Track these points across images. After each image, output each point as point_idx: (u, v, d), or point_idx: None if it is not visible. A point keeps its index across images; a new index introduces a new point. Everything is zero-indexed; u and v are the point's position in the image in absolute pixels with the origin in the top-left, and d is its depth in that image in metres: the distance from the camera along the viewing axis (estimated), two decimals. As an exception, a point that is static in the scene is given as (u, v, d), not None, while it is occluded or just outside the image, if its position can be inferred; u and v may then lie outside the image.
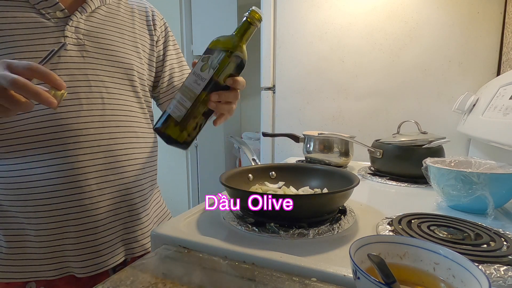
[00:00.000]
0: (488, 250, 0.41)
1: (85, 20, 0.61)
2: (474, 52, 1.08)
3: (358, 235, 0.49)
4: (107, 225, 0.61)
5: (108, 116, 0.61)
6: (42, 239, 0.58)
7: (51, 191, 0.56)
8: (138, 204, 0.67)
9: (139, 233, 0.67)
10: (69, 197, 0.57)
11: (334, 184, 0.62)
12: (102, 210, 0.60)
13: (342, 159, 0.97)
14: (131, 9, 0.70)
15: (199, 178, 2.60)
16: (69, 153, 0.56)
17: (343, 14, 1.22)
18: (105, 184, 0.60)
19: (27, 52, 0.54)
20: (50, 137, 0.55)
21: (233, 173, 0.62)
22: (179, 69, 0.79)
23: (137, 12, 0.71)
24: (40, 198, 0.56)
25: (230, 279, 0.38)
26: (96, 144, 0.59)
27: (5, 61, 0.42)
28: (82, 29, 0.60)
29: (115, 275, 0.38)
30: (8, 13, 0.55)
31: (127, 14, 0.69)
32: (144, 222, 0.68)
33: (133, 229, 0.66)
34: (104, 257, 0.61)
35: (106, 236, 0.61)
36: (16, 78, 0.39)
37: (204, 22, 2.42)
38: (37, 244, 0.58)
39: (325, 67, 1.27)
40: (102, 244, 0.61)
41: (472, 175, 0.55)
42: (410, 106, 1.18)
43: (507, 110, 0.68)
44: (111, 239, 0.62)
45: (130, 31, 0.68)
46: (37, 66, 0.42)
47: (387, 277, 0.27)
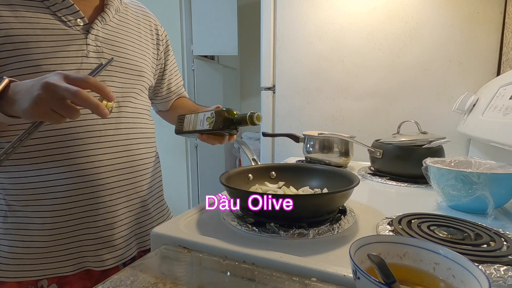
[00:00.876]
0: (488, 250, 0.41)
1: (102, 28, 0.64)
2: (474, 52, 1.08)
3: (358, 235, 0.49)
4: (123, 220, 0.65)
5: (124, 118, 0.65)
6: (58, 237, 0.60)
7: (69, 190, 0.59)
8: (149, 200, 0.71)
9: (150, 227, 0.71)
10: (88, 195, 0.60)
11: (334, 184, 0.62)
12: (119, 207, 0.64)
13: (342, 159, 0.97)
14: (136, 16, 0.74)
15: (199, 178, 2.60)
16: (89, 153, 0.59)
17: (343, 14, 1.22)
18: (122, 182, 0.64)
19: (53, 58, 0.56)
20: (70, 138, 0.58)
21: (233, 173, 0.62)
22: (175, 77, 0.87)
23: (141, 19, 0.75)
24: (58, 197, 0.58)
25: (230, 279, 0.38)
26: (114, 144, 0.63)
27: (61, 72, 0.44)
28: (100, 37, 0.63)
29: (115, 275, 0.38)
30: (31, 19, 0.56)
31: (134, 20, 0.73)
32: (153, 217, 0.73)
33: (145, 223, 0.70)
34: (120, 250, 0.64)
35: (122, 231, 0.65)
36: (79, 90, 0.42)
37: (204, 22, 2.42)
38: (52, 242, 0.59)
39: (325, 67, 1.27)
40: (119, 238, 0.64)
41: (472, 175, 0.55)
42: (410, 106, 1.18)
43: (507, 110, 0.68)
44: (127, 234, 0.66)
45: (137, 39, 0.72)
46: (94, 80, 0.45)
47: (387, 277, 0.27)
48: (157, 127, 0.78)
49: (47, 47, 0.56)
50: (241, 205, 0.55)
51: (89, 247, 0.62)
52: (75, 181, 0.58)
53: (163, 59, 0.81)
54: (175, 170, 2.48)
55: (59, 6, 0.58)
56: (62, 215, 0.59)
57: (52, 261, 0.60)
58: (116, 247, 0.64)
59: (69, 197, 0.59)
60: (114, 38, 0.66)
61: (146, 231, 0.70)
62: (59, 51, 0.57)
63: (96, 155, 0.60)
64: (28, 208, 0.59)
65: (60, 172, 0.58)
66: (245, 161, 2.83)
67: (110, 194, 0.62)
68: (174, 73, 0.86)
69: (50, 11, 0.58)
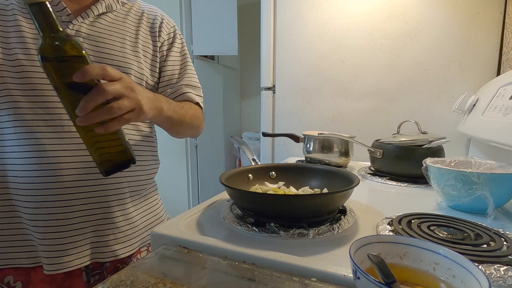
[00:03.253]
0: (488, 250, 0.41)
1: (88, 25, 0.64)
2: (474, 52, 1.08)
3: (358, 235, 0.49)
4: (77, 224, 0.61)
5: None
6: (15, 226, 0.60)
7: (28, 183, 0.58)
8: (114, 208, 0.65)
9: (111, 237, 0.65)
10: (45, 191, 0.58)
11: (334, 184, 0.62)
12: (74, 209, 0.60)
13: (342, 159, 0.97)
14: (139, 16, 0.74)
15: (199, 178, 2.60)
16: (51, 147, 0.58)
17: (343, 14, 1.22)
18: (81, 183, 0.60)
19: (35, 54, 0.57)
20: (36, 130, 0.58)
21: (233, 173, 0.62)
22: (179, 70, 0.79)
23: (145, 18, 0.74)
24: (18, 188, 0.59)
25: (230, 279, 0.38)
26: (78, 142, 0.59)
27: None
28: (83, 33, 0.62)
29: (115, 275, 0.38)
30: (17, 16, 0.58)
31: (134, 21, 0.72)
32: (119, 227, 0.66)
33: (105, 233, 0.64)
34: (69, 256, 0.61)
35: (73, 236, 0.61)
36: None
37: (204, 22, 2.42)
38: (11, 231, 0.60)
39: (325, 67, 1.27)
40: (69, 243, 0.60)
41: (472, 175, 0.55)
42: (410, 106, 1.18)
43: (507, 110, 0.68)
44: (79, 240, 0.62)
45: (133, 37, 0.70)
46: None
47: (387, 277, 0.27)
48: (156, 127, 0.77)
49: (28, 42, 0.57)
50: (241, 205, 0.55)
51: (40, 245, 0.60)
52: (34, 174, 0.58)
53: (164, 54, 0.76)
54: (175, 170, 2.48)
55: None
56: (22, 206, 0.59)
57: (12, 250, 0.60)
58: (65, 252, 0.60)
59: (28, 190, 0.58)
60: (101, 36, 0.64)
61: (106, 241, 0.65)
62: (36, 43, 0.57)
63: (57, 151, 0.58)
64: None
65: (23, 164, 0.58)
66: (245, 161, 2.83)
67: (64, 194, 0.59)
68: (177, 68, 0.78)
69: None
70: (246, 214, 0.54)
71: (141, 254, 0.72)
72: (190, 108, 0.75)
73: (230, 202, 0.61)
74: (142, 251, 0.72)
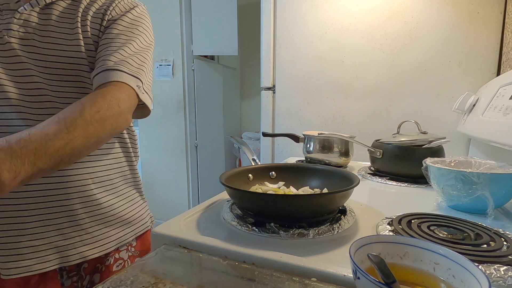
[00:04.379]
0: (488, 250, 0.41)
1: (39, 14, 0.57)
2: (474, 52, 1.08)
3: (358, 235, 0.49)
4: (37, 228, 0.57)
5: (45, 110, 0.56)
6: None
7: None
8: (79, 210, 0.61)
9: (78, 239, 0.61)
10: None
11: (334, 184, 0.62)
12: (32, 213, 0.56)
13: (342, 159, 0.97)
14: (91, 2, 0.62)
15: (199, 178, 2.60)
16: None
17: (343, 14, 1.22)
18: (39, 186, 0.56)
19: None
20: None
21: (233, 173, 0.62)
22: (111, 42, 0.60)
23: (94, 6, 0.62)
24: None
25: (230, 279, 0.38)
26: None
27: None
28: (32, 22, 0.56)
29: (115, 275, 0.38)
30: None
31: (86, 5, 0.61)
32: (86, 229, 0.62)
33: (70, 235, 0.60)
34: (28, 261, 0.57)
35: (33, 240, 0.57)
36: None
37: (204, 22, 2.42)
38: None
39: (325, 67, 1.27)
40: (28, 247, 0.57)
41: (472, 175, 0.55)
42: (410, 106, 1.18)
43: (507, 110, 0.68)
44: (40, 244, 0.58)
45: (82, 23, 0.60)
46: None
47: (387, 277, 0.27)
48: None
49: None
50: (241, 205, 0.55)
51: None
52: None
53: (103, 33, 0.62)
54: (175, 170, 2.48)
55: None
56: None
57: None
58: (23, 256, 0.56)
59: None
60: (52, 25, 0.57)
61: (72, 243, 0.60)
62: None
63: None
64: None
65: None
66: (245, 161, 2.83)
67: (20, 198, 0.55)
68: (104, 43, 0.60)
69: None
70: (246, 214, 0.54)
71: (120, 253, 0.68)
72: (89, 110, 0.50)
73: (230, 202, 0.61)
74: (121, 250, 0.68)
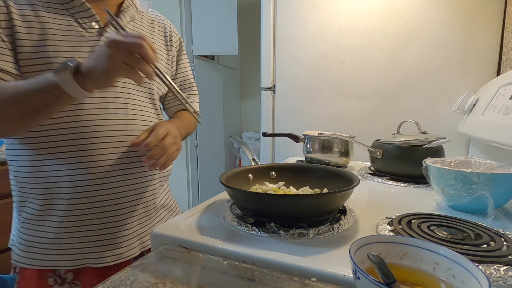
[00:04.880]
0: (488, 250, 0.41)
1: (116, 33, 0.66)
2: (474, 52, 1.08)
3: (358, 235, 0.49)
4: (126, 220, 0.66)
5: (131, 121, 0.66)
6: (63, 230, 0.62)
7: (76, 186, 0.61)
8: (150, 202, 0.72)
9: (149, 227, 0.72)
10: (93, 193, 0.62)
11: (334, 184, 0.62)
12: (122, 206, 0.66)
13: (342, 159, 0.97)
14: (151, 24, 0.77)
15: (199, 178, 2.60)
16: (95, 152, 0.61)
17: (343, 14, 1.22)
18: (126, 182, 0.66)
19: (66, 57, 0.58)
20: (78, 137, 0.60)
21: (233, 173, 0.62)
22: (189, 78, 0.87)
23: (156, 27, 0.78)
24: (65, 192, 0.61)
25: (230, 279, 0.38)
26: (120, 145, 0.64)
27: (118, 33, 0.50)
28: None
29: (115, 275, 0.38)
30: (50, 19, 0.60)
31: (148, 28, 0.76)
32: (154, 219, 0.74)
33: (146, 223, 0.71)
34: (121, 249, 0.66)
35: (124, 230, 0.66)
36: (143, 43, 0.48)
37: (204, 22, 2.42)
38: (56, 235, 0.62)
39: (325, 67, 1.27)
40: (121, 237, 0.66)
41: (472, 175, 0.55)
42: (410, 106, 1.18)
43: (507, 110, 0.68)
44: (129, 233, 0.67)
45: None
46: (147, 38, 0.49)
47: (387, 277, 0.27)
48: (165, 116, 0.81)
49: (61, 46, 0.59)
50: (241, 205, 0.55)
51: (90, 244, 0.63)
52: (81, 178, 0.61)
53: (175, 65, 0.82)
54: (175, 170, 2.47)
55: (77, 9, 0.62)
56: (68, 210, 0.61)
57: (55, 253, 0.62)
58: (118, 245, 0.65)
59: (75, 193, 0.61)
60: None
61: (147, 230, 0.72)
62: (72, 51, 0.60)
63: (102, 155, 0.62)
64: (38, 201, 0.62)
65: (70, 169, 0.60)
66: (245, 161, 2.83)
67: (113, 193, 0.64)
68: (186, 82, 0.85)
69: (69, 13, 0.62)
70: (246, 214, 0.54)
71: None
72: (188, 118, 0.82)
73: (230, 202, 0.61)
74: None
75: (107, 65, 0.48)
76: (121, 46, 0.47)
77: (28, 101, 0.51)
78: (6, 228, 0.73)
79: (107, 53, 0.47)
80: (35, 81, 0.51)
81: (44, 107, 0.52)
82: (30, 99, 0.51)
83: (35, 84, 0.50)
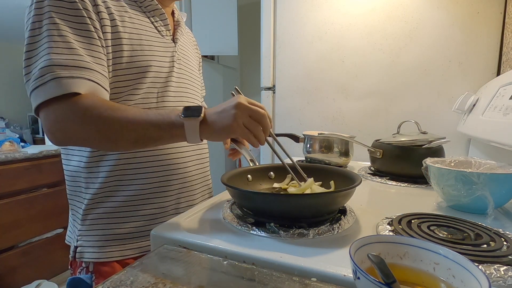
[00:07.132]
0: (488, 250, 0.41)
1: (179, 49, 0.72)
2: (474, 52, 1.08)
3: (358, 235, 0.49)
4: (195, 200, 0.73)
5: None
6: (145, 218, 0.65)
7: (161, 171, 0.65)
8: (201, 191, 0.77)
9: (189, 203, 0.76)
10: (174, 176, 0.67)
11: (335, 184, 0.62)
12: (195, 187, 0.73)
13: (342, 159, 0.97)
14: (188, 33, 0.82)
15: (199, 178, 2.59)
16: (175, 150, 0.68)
17: (343, 15, 1.22)
18: (197, 166, 0.74)
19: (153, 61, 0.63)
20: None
21: (232, 174, 0.62)
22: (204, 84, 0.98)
23: (190, 37, 0.84)
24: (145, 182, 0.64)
25: (230, 279, 0.38)
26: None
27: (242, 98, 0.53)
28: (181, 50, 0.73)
29: (115, 275, 0.38)
30: (136, 20, 0.63)
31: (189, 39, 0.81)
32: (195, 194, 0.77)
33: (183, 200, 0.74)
34: None
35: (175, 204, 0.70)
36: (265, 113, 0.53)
37: (204, 22, 2.42)
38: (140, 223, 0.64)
39: (325, 67, 1.27)
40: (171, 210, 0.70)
41: (472, 175, 0.55)
42: (410, 106, 1.18)
43: (507, 110, 0.68)
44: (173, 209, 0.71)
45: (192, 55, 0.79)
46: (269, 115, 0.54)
47: (387, 277, 0.27)
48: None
49: (147, 50, 0.62)
50: (241, 205, 0.55)
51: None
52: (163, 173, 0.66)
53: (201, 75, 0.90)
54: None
55: (157, 18, 0.66)
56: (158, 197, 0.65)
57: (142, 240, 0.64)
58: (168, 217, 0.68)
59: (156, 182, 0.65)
60: (185, 53, 0.74)
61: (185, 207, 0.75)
62: (156, 55, 0.64)
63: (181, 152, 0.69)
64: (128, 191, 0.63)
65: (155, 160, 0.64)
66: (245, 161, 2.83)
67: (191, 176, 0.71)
68: (203, 85, 0.94)
69: (149, 20, 0.65)
70: (246, 214, 0.54)
71: None
72: None
73: (230, 202, 0.61)
74: None
75: (230, 123, 0.50)
76: (246, 110, 0.51)
77: (142, 132, 0.52)
78: (6, 228, 0.72)
79: (232, 112, 0.50)
80: (156, 115, 0.52)
81: (154, 140, 0.54)
82: (146, 130, 0.52)
83: (156, 119, 0.52)
